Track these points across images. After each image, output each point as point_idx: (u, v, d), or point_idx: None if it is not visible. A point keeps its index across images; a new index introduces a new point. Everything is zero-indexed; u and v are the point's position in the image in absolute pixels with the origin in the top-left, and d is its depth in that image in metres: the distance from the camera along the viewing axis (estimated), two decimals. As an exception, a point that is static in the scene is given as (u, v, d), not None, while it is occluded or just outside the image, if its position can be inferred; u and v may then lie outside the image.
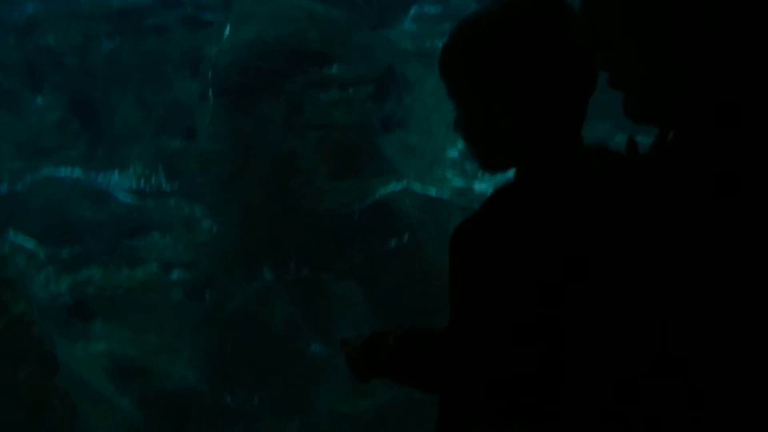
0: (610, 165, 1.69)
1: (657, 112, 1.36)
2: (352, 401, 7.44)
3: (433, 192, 8.33)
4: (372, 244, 8.09)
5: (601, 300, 1.34)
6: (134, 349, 7.57)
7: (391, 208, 8.18)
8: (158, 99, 9.62)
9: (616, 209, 1.42)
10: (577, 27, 1.41)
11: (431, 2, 10.46)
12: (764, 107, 1.22)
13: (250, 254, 8.14)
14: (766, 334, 1.12)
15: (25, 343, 6.58)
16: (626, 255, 1.31)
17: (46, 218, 8.55)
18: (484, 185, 8.50)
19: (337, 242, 8.10)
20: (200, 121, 9.13)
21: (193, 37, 10.02)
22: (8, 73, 9.74)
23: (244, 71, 9.00)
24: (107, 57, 9.81)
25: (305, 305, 7.91)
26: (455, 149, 8.84)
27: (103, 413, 6.98)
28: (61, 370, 6.89)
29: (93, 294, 7.86)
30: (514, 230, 1.65)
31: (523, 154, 1.73)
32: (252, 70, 8.98)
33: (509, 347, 1.63)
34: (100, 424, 6.88)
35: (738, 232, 1.16)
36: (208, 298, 7.96)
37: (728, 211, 1.17)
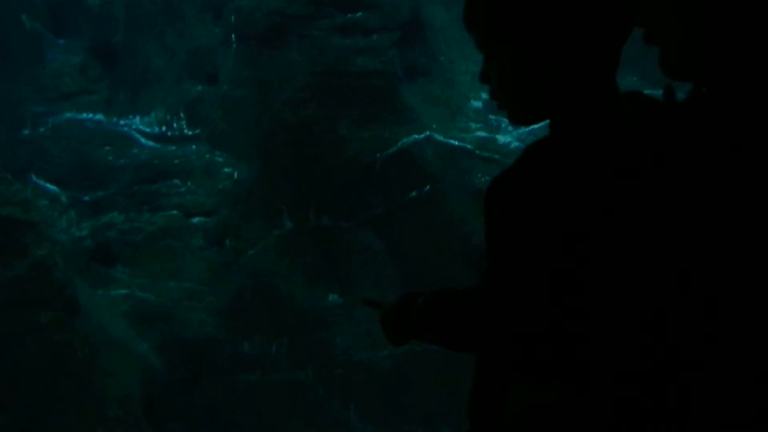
0: (646, 112, 1.64)
1: (695, 68, 1.34)
2: (369, 350, 7.45)
3: (455, 142, 8.23)
4: (393, 194, 8.02)
5: (637, 251, 1.34)
6: (154, 294, 7.60)
7: (413, 157, 8.09)
8: (180, 43, 9.53)
9: (652, 159, 1.40)
10: None
11: (459, -53, 10.24)
12: None
13: (271, 202, 8.11)
14: None
15: (48, 286, 6.62)
16: (661, 205, 1.31)
17: (67, 162, 8.55)
18: (508, 137, 8.39)
19: (358, 191, 8.05)
20: (223, 66, 9.04)
21: (217, -20, 9.89)
22: (31, 17, 9.67)
23: (268, 15, 8.87)
24: (129, 0, 9.72)
25: (324, 254, 7.89)
26: (479, 99, 8.71)
27: (122, 358, 7.03)
28: (82, 313, 6.93)
29: (114, 238, 7.88)
30: (554, 181, 1.59)
31: (559, 104, 1.67)
32: (276, 15, 8.85)
33: (547, 300, 1.58)
34: (119, 368, 6.94)
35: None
36: (228, 244, 7.95)
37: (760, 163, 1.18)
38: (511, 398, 1.65)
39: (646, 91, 1.83)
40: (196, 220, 8.08)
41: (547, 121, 1.71)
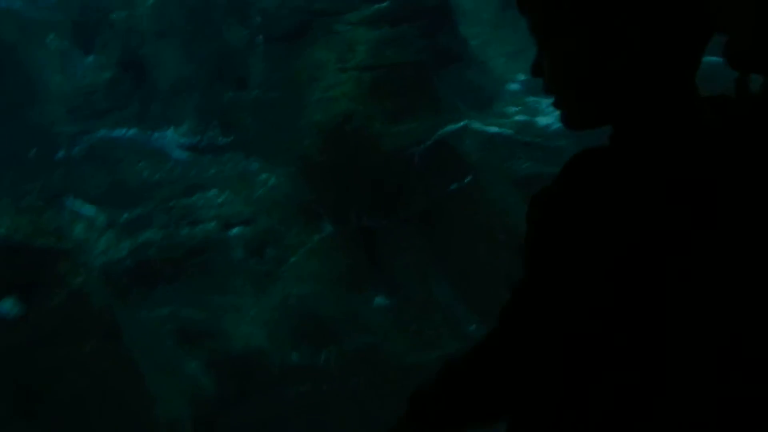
0: (736, 122, 1.32)
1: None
2: (420, 351, 7.18)
3: (494, 129, 7.87)
4: (434, 188, 7.71)
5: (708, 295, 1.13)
6: (198, 311, 7.42)
7: (451, 148, 7.77)
8: (208, 50, 9.32)
9: (740, 179, 1.16)
10: None
11: (484, -76, 9.83)
12: None
13: (309, 206, 7.87)
14: None
15: (87, 314, 6.47)
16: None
17: (103, 182, 8.42)
18: (549, 118, 8.01)
19: (397, 187, 7.76)
20: (252, 69, 8.81)
21: (240, -19, 9.65)
22: (58, 35, 9.55)
23: (294, 14, 8.63)
24: (154, 10, 9.53)
25: (368, 255, 7.62)
26: (516, 82, 8.34)
27: (169, 380, 6.87)
28: (126, 337, 6.77)
29: (154, 256, 7.71)
30: (606, 209, 1.31)
31: (625, 108, 1.36)
32: (301, 12, 8.59)
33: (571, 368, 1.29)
34: (167, 391, 6.78)
35: None
36: (268, 253, 7.73)
37: None
38: None
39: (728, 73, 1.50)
40: (235, 230, 7.87)
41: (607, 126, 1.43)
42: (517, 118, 7.99)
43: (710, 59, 1.38)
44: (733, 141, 1.22)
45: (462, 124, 7.89)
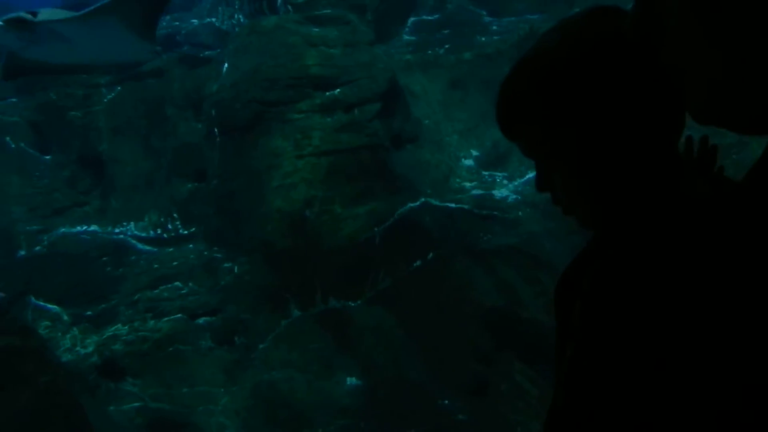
0: (716, 183, 1.36)
1: (733, 112, 1.06)
2: (397, 431, 7.04)
3: (452, 205, 7.91)
4: (397, 266, 7.68)
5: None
6: (168, 403, 7.21)
7: (412, 226, 7.77)
8: (165, 144, 9.30)
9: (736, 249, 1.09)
10: (633, 19, 1.13)
11: (427, 10, 10.06)
12: None
13: (275, 292, 7.77)
14: None
15: (54, 413, 6.24)
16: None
17: (66, 279, 8.23)
18: (504, 191, 8.08)
19: (362, 268, 7.71)
20: (210, 160, 8.78)
21: (193, 76, 9.70)
22: (15, 136, 9.45)
23: (248, 105, 8.65)
24: (110, 107, 9.50)
25: (337, 338, 7.52)
26: (470, 158, 8.44)
27: (142, 476, 6.64)
28: (96, 435, 6.54)
29: (121, 351, 7.52)
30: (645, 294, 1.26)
31: (632, 199, 1.38)
32: (255, 103, 8.62)
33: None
34: (141, 488, 6.54)
35: None
36: (237, 341, 7.59)
37: None
38: None
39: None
40: (201, 320, 7.72)
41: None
42: (474, 192, 8.05)
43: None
44: (720, 215, 1.20)
45: (421, 202, 7.92)
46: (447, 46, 9.40)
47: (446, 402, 7.00)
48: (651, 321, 1.22)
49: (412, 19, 10.00)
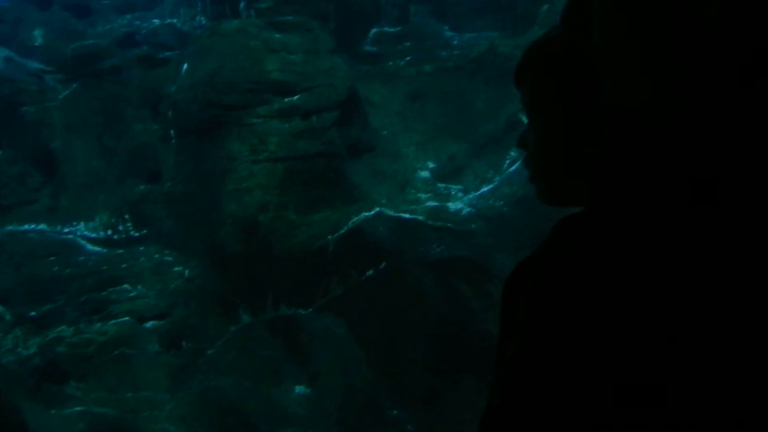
0: None
1: (647, 105, 1.02)
2: (343, 441, 6.91)
3: (406, 215, 7.79)
4: (350, 275, 7.54)
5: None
6: (112, 408, 6.97)
7: (366, 235, 7.64)
8: (120, 143, 9.06)
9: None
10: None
11: (390, 22, 9.96)
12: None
13: (226, 297, 7.58)
14: None
15: (-7, 416, 5.98)
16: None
17: (11, 277, 7.94)
18: (458, 203, 7.99)
19: (314, 276, 7.56)
20: (164, 162, 8.57)
21: (151, 76, 9.48)
22: (-35, 130, 9.13)
23: (206, 108, 8.46)
24: (65, 104, 9.23)
25: (286, 345, 7.35)
26: (426, 169, 8.34)
27: (82, 482, 6.39)
28: (36, 439, 6.29)
29: (65, 353, 7.25)
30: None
31: (597, 192, 1.31)
32: (213, 106, 8.44)
33: None
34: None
35: None
36: (185, 346, 7.38)
37: None
38: None
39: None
40: (149, 324, 7.50)
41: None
42: (429, 204, 7.94)
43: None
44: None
45: (375, 211, 7.80)
46: (408, 58, 9.31)
47: (395, 412, 6.88)
48: (597, 322, 1.13)
49: (374, 30, 9.89)
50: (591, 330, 1.11)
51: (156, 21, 10.73)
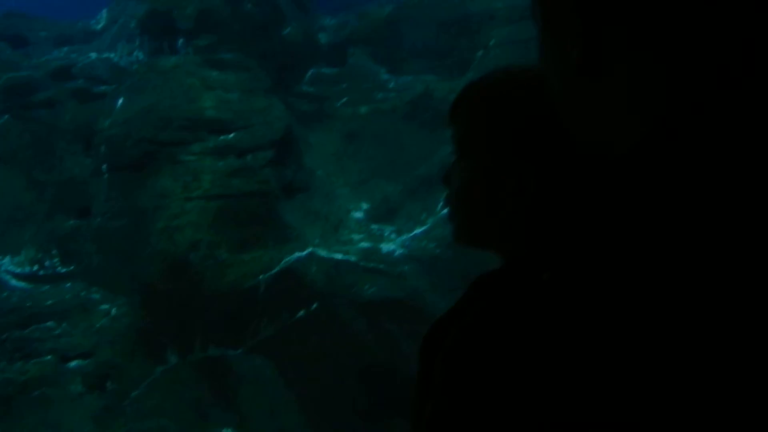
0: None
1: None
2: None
3: (339, 256, 7.74)
4: (281, 316, 7.44)
5: None
6: (30, 451, 6.73)
7: (298, 276, 7.56)
8: (50, 177, 8.86)
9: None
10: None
11: (328, 64, 9.98)
12: None
13: (153, 336, 7.40)
14: None
15: None
16: None
17: (-71, 314, 7.65)
18: (391, 245, 7.98)
19: (244, 316, 7.43)
20: (95, 198, 8.39)
21: (85, 110, 9.32)
22: None
23: (139, 143, 8.33)
24: (-6, 137, 9.01)
25: (214, 387, 7.19)
26: (360, 210, 8.31)
27: None
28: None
29: (-17, 393, 6.99)
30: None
31: (514, 244, 1.30)
32: (147, 142, 8.31)
33: None
34: None
35: None
36: (109, 387, 7.17)
37: None
38: None
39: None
40: (73, 363, 7.28)
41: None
42: (362, 245, 7.91)
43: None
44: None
45: (308, 251, 7.73)
46: (344, 99, 9.32)
47: (322, 457, 6.77)
48: (515, 379, 1.11)
49: (312, 70, 9.89)
50: (509, 387, 1.09)
51: (93, 55, 10.57)
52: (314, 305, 7.46)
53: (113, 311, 7.57)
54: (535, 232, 1.27)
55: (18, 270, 8.12)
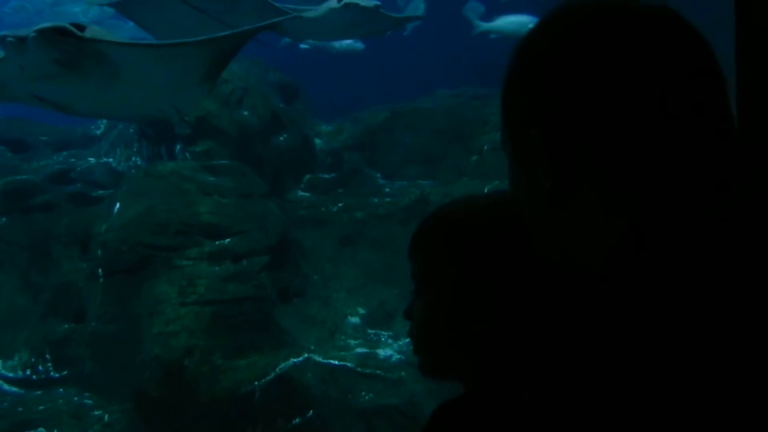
0: None
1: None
2: None
3: (335, 361, 7.68)
4: (275, 423, 7.33)
5: None
6: None
7: (293, 382, 7.48)
8: (45, 280, 8.83)
9: None
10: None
11: (324, 169, 10.12)
12: None
13: (145, 444, 7.25)
14: None
15: None
16: None
17: None
18: (388, 350, 7.93)
19: (239, 424, 7.31)
20: (90, 302, 8.34)
21: (82, 214, 9.36)
22: None
23: (135, 248, 8.33)
24: (-9, 239, 9.02)
25: (206, 497, 7.02)
26: (356, 315, 8.30)
27: None
28: None
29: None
30: None
31: (482, 371, 1.33)
32: (143, 247, 8.32)
33: None
34: None
35: None
36: (99, 498, 6.99)
37: None
38: None
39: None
40: (62, 474, 7.10)
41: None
42: (358, 350, 7.86)
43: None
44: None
45: (303, 357, 7.67)
46: (340, 204, 9.42)
47: None
48: None
49: (308, 176, 10.02)
50: None
51: (92, 159, 10.69)
52: (310, 412, 7.37)
53: (106, 418, 7.44)
54: (500, 355, 1.30)
55: (11, 374, 8.01)
